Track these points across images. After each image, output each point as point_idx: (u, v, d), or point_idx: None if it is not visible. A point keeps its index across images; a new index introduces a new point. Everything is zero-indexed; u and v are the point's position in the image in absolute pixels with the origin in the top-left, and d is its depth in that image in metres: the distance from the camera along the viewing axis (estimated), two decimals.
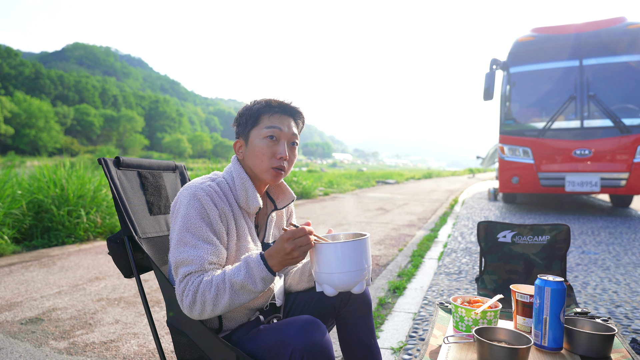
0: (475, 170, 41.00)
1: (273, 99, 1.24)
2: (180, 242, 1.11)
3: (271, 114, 1.23)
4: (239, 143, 1.27)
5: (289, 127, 1.24)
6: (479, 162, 21.63)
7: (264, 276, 1.05)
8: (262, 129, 1.21)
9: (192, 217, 1.11)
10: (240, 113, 1.27)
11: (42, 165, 5.37)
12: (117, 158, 1.35)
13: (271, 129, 1.21)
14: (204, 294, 1.04)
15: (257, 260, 1.05)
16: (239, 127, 1.27)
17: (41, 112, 70.87)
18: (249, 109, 1.25)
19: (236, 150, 1.28)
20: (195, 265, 1.08)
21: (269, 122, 1.22)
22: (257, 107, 1.23)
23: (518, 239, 1.88)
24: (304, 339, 1.03)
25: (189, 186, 1.17)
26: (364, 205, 9.40)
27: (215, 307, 1.05)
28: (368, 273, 1.10)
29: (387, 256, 4.23)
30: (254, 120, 1.23)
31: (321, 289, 1.10)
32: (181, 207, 1.14)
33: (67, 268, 3.74)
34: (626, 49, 6.48)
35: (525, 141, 6.96)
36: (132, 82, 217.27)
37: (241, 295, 1.06)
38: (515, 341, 1.11)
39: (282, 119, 1.23)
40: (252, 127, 1.23)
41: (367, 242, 1.09)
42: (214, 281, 1.05)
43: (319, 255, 1.07)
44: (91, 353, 2.08)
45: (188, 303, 1.06)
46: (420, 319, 2.45)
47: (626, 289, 2.98)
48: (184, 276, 1.08)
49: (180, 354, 1.26)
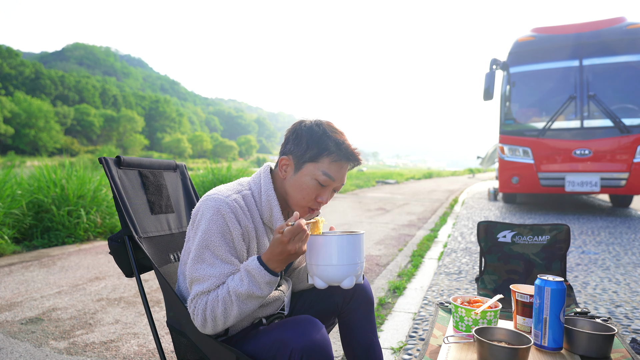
0: (475, 170, 40.98)
1: (344, 142, 1.15)
2: (199, 258, 1.08)
3: (334, 159, 1.14)
4: (286, 162, 1.18)
5: (343, 176, 1.18)
6: (479, 162, 21.63)
7: (268, 280, 1.05)
8: (319, 170, 1.14)
9: (213, 234, 1.07)
10: (301, 134, 1.16)
11: (42, 165, 5.36)
12: (118, 157, 1.35)
13: (327, 177, 1.14)
14: (214, 310, 1.04)
15: (257, 266, 1.04)
16: (294, 146, 1.16)
17: (41, 112, 70.84)
18: (314, 139, 1.14)
19: (280, 166, 1.19)
20: (208, 283, 1.06)
21: (328, 168, 1.14)
22: (324, 143, 1.13)
23: (518, 239, 1.88)
24: (303, 339, 1.04)
25: (214, 197, 1.11)
26: (364, 205, 9.40)
27: (226, 320, 1.06)
28: (360, 269, 1.11)
29: (387, 256, 4.23)
30: (315, 156, 1.14)
31: (312, 281, 1.12)
32: (203, 220, 1.10)
33: (67, 268, 3.74)
34: (626, 49, 6.48)
35: (525, 141, 6.96)
36: (132, 82, 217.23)
37: (249, 303, 1.06)
38: (515, 341, 1.11)
39: (341, 168, 1.16)
40: (309, 161, 1.15)
41: (361, 239, 1.10)
42: (219, 296, 1.05)
43: (314, 246, 1.09)
44: (91, 353, 2.08)
45: (200, 322, 1.06)
46: (420, 319, 2.45)
47: (626, 289, 2.98)
48: (195, 296, 1.07)
49: (181, 354, 1.26)
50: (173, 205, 1.51)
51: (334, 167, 1.15)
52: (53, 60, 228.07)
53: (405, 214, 7.72)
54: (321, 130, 1.15)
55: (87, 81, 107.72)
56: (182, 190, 1.59)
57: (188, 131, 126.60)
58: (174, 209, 1.50)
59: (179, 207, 1.54)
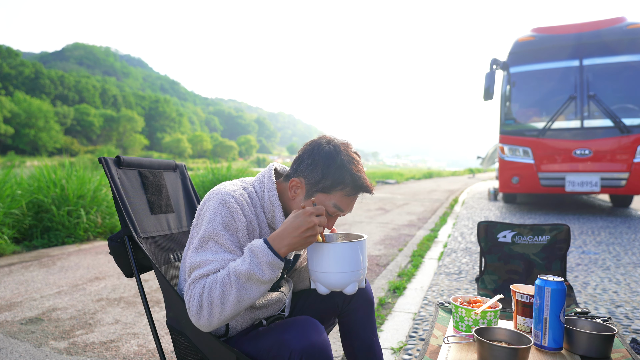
0: (475, 170, 40.97)
1: (361, 177, 1.12)
2: (201, 247, 1.05)
3: (348, 194, 1.13)
4: (297, 184, 1.15)
5: (352, 207, 1.17)
6: (479, 162, 21.62)
7: (270, 261, 0.98)
8: (330, 202, 1.13)
9: (217, 224, 1.05)
10: (318, 160, 1.13)
11: (42, 165, 5.37)
12: (118, 157, 1.35)
13: (337, 210, 1.14)
14: (211, 293, 0.98)
15: (261, 244, 1.00)
16: (308, 171, 1.14)
17: (41, 112, 70.84)
18: (331, 170, 1.11)
19: (290, 187, 1.17)
20: (208, 267, 1.01)
21: (340, 201, 1.13)
22: (340, 176, 1.11)
23: (518, 239, 1.88)
24: (302, 340, 1.03)
25: (219, 190, 1.11)
26: (364, 205, 9.40)
27: (223, 307, 0.98)
28: (363, 274, 1.11)
29: (387, 256, 4.23)
30: (329, 188, 1.12)
31: (315, 286, 1.12)
32: (208, 211, 1.08)
33: (67, 268, 3.73)
34: (626, 49, 6.48)
35: (525, 141, 6.96)
36: (132, 82, 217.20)
37: (249, 288, 0.99)
38: (515, 341, 1.11)
39: (352, 202, 1.15)
40: (321, 192, 1.13)
41: (364, 244, 1.10)
42: (219, 278, 0.99)
43: (315, 254, 1.09)
44: (91, 353, 2.08)
45: (195, 310, 0.99)
46: (420, 319, 2.45)
47: (626, 289, 2.98)
48: (193, 280, 1.02)
49: (180, 354, 1.26)
50: (173, 205, 1.51)
51: (345, 200, 1.14)
52: (53, 60, 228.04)
53: (405, 214, 7.72)
54: (339, 160, 1.12)
55: (87, 81, 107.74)
56: (182, 190, 1.59)
57: (188, 131, 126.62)
58: (173, 209, 1.50)
59: (179, 207, 1.54)
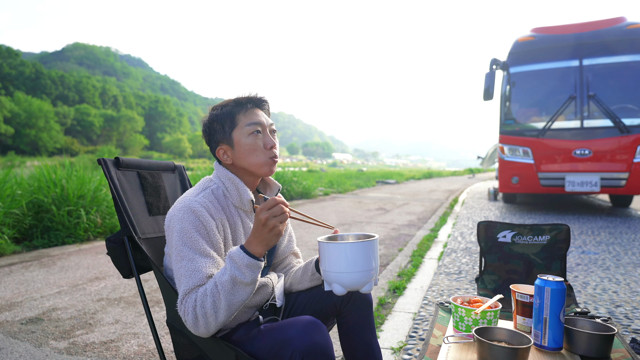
0: (475, 170, 40.99)
1: (240, 97, 1.26)
2: (179, 257, 1.10)
3: (245, 111, 1.25)
4: (222, 149, 1.26)
5: (265, 118, 1.27)
6: (479, 162, 21.63)
7: (247, 263, 1.03)
8: (244, 127, 1.23)
9: (187, 230, 1.11)
10: (210, 121, 1.26)
11: (42, 165, 5.37)
12: (117, 158, 1.35)
13: (253, 125, 1.23)
14: (203, 305, 1.04)
15: (237, 250, 1.05)
16: (215, 134, 1.26)
17: (41, 112, 70.87)
18: (219, 115, 1.25)
19: (220, 157, 1.27)
20: (193, 280, 1.07)
21: (247, 119, 1.23)
22: (228, 109, 1.24)
23: (518, 239, 1.88)
24: (304, 340, 1.03)
25: (182, 200, 1.17)
26: (364, 205, 9.40)
27: (217, 314, 1.04)
28: (376, 273, 1.12)
29: (387, 256, 4.23)
30: (231, 122, 1.24)
31: (330, 288, 1.11)
32: (176, 221, 1.13)
33: (67, 268, 3.74)
34: (626, 49, 6.48)
35: (525, 141, 6.96)
36: (132, 82, 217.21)
37: (236, 292, 1.04)
38: (515, 341, 1.11)
39: (257, 113, 1.26)
40: (232, 130, 1.23)
41: (376, 243, 1.11)
42: (207, 290, 1.05)
43: (330, 254, 1.08)
44: (91, 353, 2.08)
45: (191, 322, 1.05)
46: (420, 319, 2.45)
47: (626, 289, 2.98)
48: (183, 296, 1.07)
49: (180, 354, 1.26)
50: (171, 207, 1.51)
51: (249, 116, 1.24)
52: (53, 60, 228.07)
53: (405, 214, 7.71)
54: (217, 109, 1.26)
55: (87, 81, 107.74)
56: (180, 191, 1.59)
57: (188, 131, 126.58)
58: None
59: None
